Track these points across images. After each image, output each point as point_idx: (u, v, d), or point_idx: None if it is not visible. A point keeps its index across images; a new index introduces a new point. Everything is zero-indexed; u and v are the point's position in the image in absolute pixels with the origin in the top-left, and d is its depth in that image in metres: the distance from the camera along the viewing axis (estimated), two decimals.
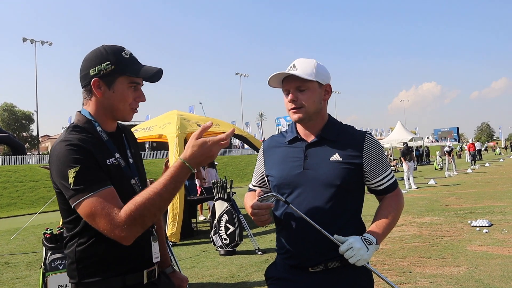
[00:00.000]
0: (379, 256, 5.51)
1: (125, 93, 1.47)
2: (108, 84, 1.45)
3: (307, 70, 1.63)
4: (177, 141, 7.76)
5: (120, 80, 1.45)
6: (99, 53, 1.46)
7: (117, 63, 1.44)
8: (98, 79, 1.44)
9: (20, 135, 49.03)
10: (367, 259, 1.51)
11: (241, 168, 29.52)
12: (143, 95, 1.53)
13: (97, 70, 1.43)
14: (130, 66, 1.46)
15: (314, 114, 1.67)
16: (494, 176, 17.61)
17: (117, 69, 1.44)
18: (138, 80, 1.49)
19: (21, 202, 18.10)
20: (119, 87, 1.46)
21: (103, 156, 1.42)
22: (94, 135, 1.45)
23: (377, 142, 1.69)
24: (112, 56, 1.44)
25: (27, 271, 6.04)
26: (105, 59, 1.44)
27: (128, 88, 1.47)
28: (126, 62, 1.46)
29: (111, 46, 1.49)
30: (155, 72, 1.47)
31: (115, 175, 1.43)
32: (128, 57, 1.48)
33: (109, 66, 1.43)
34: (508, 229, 6.62)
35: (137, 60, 1.51)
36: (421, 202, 10.68)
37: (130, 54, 1.49)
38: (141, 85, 1.52)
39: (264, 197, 1.57)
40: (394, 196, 1.72)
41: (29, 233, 9.70)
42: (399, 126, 28.85)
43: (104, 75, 1.44)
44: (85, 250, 1.40)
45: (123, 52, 1.47)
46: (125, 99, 1.47)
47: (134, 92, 1.49)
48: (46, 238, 3.48)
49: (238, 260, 5.95)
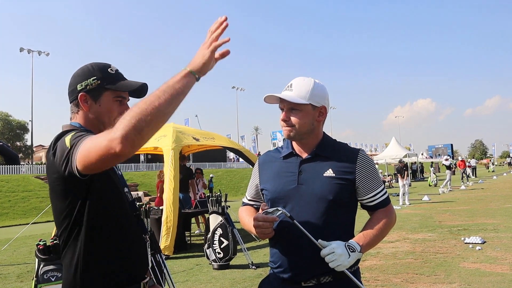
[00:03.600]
0: (372, 272, 5.51)
1: (110, 107, 1.52)
2: (94, 98, 1.51)
3: (301, 92, 1.66)
4: (172, 154, 7.76)
5: (106, 94, 1.51)
6: (86, 69, 1.52)
7: (103, 78, 1.50)
8: (85, 94, 1.50)
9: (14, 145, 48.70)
10: (347, 265, 1.54)
11: (235, 182, 29.45)
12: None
13: (83, 85, 1.50)
14: (115, 81, 1.52)
15: (306, 134, 1.71)
16: (488, 193, 17.68)
17: (102, 84, 1.50)
18: (124, 95, 1.55)
19: (13, 212, 17.91)
20: (105, 100, 1.51)
21: None
22: None
23: (369, 159, 1.73)
24: (98, 71, 1.51)
25: (17, 282, 5.97)
26: (91, 75, 1.50)
27: (114, 102, 1.53)
28: (112, 77, 1.52)
29: (98, 63, 1.56)
30: (138, 86, 1.53)
31: (112, 177, 1.48)
32: (114, 73, 1.54)
33: (95, 81, 1.49)
34: (501, 247, 6.64)
35: (123, 76, 1.58)
36: (415, 218, 10.70)
37: (116, 70, 1.56)
38: (127, 100, 1.57)
39: (270, 211, 1.59)
40: (385, 211, 1.75)
41: (20, 244, 9.59)
42: (393, 142, 29.03)
43: (91, 90, 1.50)
44: (84, 258, 1.41)
45: (109, 68, 1.54)
46: (110, 113, 1.52)
47: (119, 107, 1.54)
48: (39, 249, 3.46)
49: (231, 274, 5.91)
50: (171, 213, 7.27)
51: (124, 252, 1.47)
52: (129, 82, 1.55)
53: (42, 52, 41.36)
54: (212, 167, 35.30)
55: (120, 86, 1.51)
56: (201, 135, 9.24)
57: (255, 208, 1.91)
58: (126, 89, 1.52)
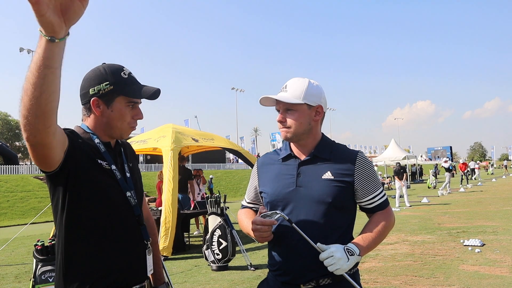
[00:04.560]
0: (371, 274, 5.50)
1: (123, 112, 1.50)
2: (107, 104, 1.49)
3: (296, 92, 1.66)
4: (171, 155, 7.75)
5: (119, 100, 1.49)
6: (98, 72, 1.49)
7: (116, 83, 1.47)
8: (97, 99, 1.48)
9: (13, 145, 48.60)
10: (345, 269, 1.53)
11: (235, 183, 29.42)
12: (141, 112, 1.57)
13: (96, 89, 1.47)
14: (129, 87, 1.50)
15: (303, 134, 1.70)
16: (487, 195, 17.68)
17: (115, 90, 1.47)
18: (136, 99, 1.53)
19: (11, 213, 17.87)
20: (118, 106, 1.49)
21: (95, 157, 1.45)
22: (92, 145, 1.48)
23: (368, 161, 1.72)
24: (111, 76, 1.48)
25: (15, 283, 5.94)
26: (104, 80, 1.47)
27: (126, 107, 1.51)
28: (125, 82, 1.49)
29: (111, 65, 1.52)
30: (152, 93, 1.51)
31: (107, 177, 1.46)
32: (127, 77, 1.51)
33: (108, 86, 1.47)
34: (500, 249, 6.64)
35: (136, 79, 1.55)
36: (414, 220, 10.69)
37: (129, 73, 1.53)
38: (139, 103, 1.56)
39: (268, 214, 1.58)
40: (384, 213, 1.74)
41: (18, 244, 9.56)
42: (393, 144, 29.01)
43: (103, 95, 1.47)
44: (76, 260, 1.40)
45: (122, 72, 1.50)
46: (123, 118, 1.51)
47: (132, 110, 1.53)
48: (37, 249, 3.46)
49: (230, 275, 5.90)
50: (170, 214, 7.25)
51: (110, 257, 1.43)
52: (144, 89, 1.52)
53: None
54: (211, 168, 35.25)
55: (133, 93, 1.50)
56: (200, 136, 9.22)
57: (254, 211, 1.90)
58: (139, 97, 1.51)
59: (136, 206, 1.55)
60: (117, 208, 1.46)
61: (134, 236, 1.52)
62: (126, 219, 1.51)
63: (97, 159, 1.45)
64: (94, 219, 1.42)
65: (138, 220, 1.56)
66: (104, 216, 1.44)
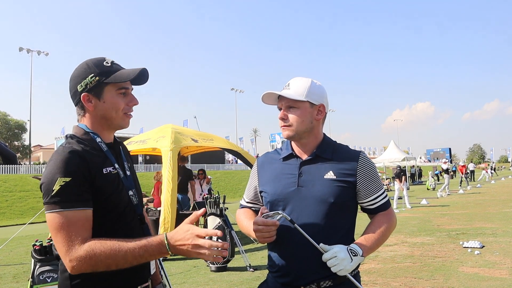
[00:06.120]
0: (371, 276, 5.49)
1: (115, 100, 1.49)
2: (97, 96, 1.47)
3: (299, 90, 1.66)
4: (170, 155, 7.74)
5: (108, 89, 1.47)
6: (82, 68, 1.48)
7: (101, 73, 1.46)
8: (87, 94, 1.46)
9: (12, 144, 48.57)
10: (349, 270, 1.52)
11: (234, 184, 29.41)
12: (135, 98, 1.55)
13: (83, 85, 1.46)
14: (113, 73, 1.48)
15: (305, 133, 1.69)
16: (486, 197, 17.68)
17: (101, 79, 1.46)
18: (126, 85, 1.51)
19: (10, 212, 17.85)
20: (109, 96, 1.48)
21: (101, 166, 1.42)
22: (93, 145, 1.46)
23: (370, 161, 1.71)
24: (94, 68, 1.47)
25: (13, 283, 5.92)
26: (89, 73, 1.46)
27: (118, 95, 1.49)
28: (109, 70, 1.48)
29: (92, 59, 1.51)
30: (138, 73, 1.48)
31: (113, 184, 1.44)
32: (110, 65, 1.49)
33: (94, 78, 1.45)
34: (499, 251, 6.63)
35: (119, 66, 1.53)
36: (413, 222, 10.68)
37: (112, 62, 1.51)
38: (130, 89, 1.54)
39: (270, 214, 1.56)
40: (386, 214, 1.73)
41: (17, 244, 9.54)
42: (392, 145, 28.97)
43: (91, 88, 1.46)
44: None
45: (104, 62, 1.49)
46: (117, 107, 1.49)
47: (124, 98, 1.51)
48: (35, 250, 3.44)
49: (229, 276, 5.88)
50: (169, 214, 7.24)
51: None
52: (127, 70, 1.50)
53: (41, 52, 41.35)
54: (210, 168, 35.24)
55: (119, 77, 1.47)
56: (199, 136, 9.20)
57: (254, 211, 1.88)
58: (126, 79, 1.47)
59: (138, 205, 1.54)
60: (122, 209, 1.45)
61: (138, 235, 1.50)
62: (130, 219, 1.50)
63: (103, 167, 1.43)
64: (100, 220, 1.40)
65: (140, 219, 1.55)
66: (110, 217, 1.43)
